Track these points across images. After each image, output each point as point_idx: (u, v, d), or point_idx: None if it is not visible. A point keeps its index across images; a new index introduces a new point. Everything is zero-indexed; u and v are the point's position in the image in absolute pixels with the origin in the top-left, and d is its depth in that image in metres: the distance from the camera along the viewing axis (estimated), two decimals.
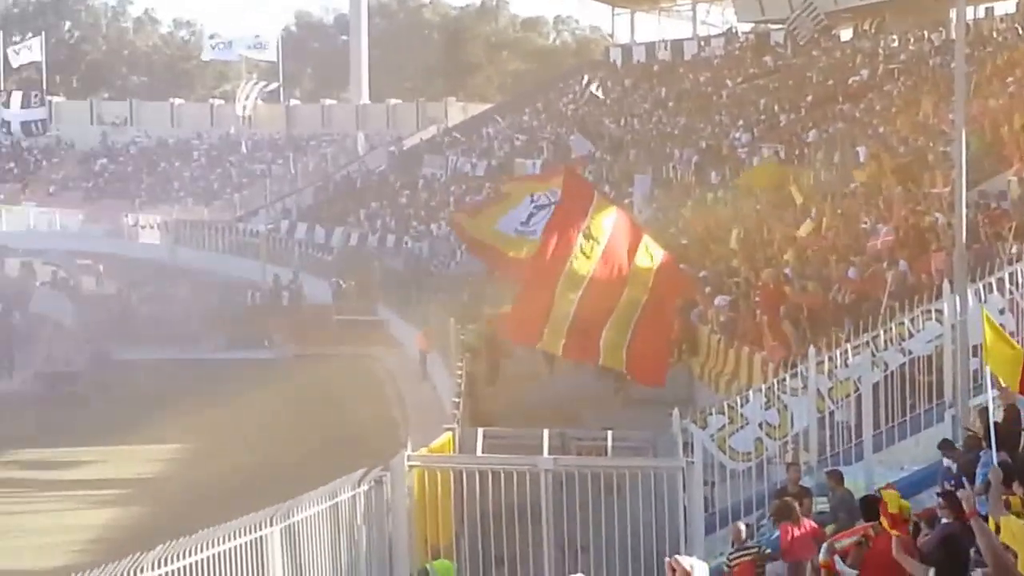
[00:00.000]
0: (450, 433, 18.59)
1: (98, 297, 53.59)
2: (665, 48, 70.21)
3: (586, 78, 68.03)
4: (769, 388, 18.49)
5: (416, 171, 66.48)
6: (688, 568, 11.03)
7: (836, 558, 12.54)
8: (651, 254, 20.85)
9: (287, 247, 60.21)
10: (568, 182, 21.67)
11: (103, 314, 48.79)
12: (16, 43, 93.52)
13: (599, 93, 64.15)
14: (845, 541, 12.72)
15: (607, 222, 19.64)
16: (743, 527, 15.13)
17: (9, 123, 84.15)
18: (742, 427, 17.91)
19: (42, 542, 26.32)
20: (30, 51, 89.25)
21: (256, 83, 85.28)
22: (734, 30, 68.74)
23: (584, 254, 19.71)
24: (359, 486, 15.55)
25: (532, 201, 26.03)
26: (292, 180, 73.83)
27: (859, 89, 49.83)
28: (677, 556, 11.57)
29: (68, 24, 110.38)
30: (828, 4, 57.56)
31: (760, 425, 18.04)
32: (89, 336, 43.94)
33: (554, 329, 18.57)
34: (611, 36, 77.95)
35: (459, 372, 27.84)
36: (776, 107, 53.17)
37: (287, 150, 78.55)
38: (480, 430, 19.12)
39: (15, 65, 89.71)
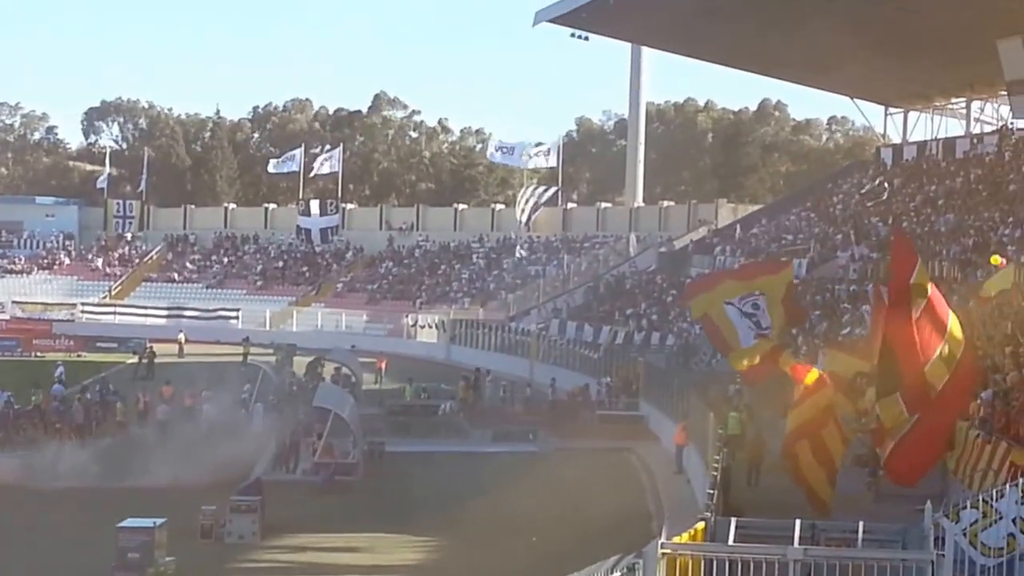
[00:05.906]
0: (703, 523, 19.16)
1: (377, 393, 55.71)
2: (937, 146, 69.33)
3: (866, 184, 67.01)
4: None
5: (684, 271, 67.06)
6: None
7: None
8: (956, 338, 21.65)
9: (555, 345, 61.50)
10: (897, 246, 23.91)
11: (380, 409, 50.52)
12: (316, 153, 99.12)
13: (882, 196, 63.71)
14: None
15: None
16: None
17: (309, 231, 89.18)
18: (995, 522, 17.86)
19: None
20: (330, 162, 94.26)
21: (536, 188, 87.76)
22: (1009, 127, 67.13)
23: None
24: (612, 572, 16.23)
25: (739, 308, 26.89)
26: (565, 280, 75.50)
27: None
28: None
29: (361, 138, 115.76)
30: None
31: (1014, 520, 17.94)
32: (365, 429, 45.12)
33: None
34: (883, 136, 77.09)
35: (715, 465, 28.23)
36: None
37: (562, 251, 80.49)
38: (733, 520, 19.51)
39: (315, 173, 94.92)
